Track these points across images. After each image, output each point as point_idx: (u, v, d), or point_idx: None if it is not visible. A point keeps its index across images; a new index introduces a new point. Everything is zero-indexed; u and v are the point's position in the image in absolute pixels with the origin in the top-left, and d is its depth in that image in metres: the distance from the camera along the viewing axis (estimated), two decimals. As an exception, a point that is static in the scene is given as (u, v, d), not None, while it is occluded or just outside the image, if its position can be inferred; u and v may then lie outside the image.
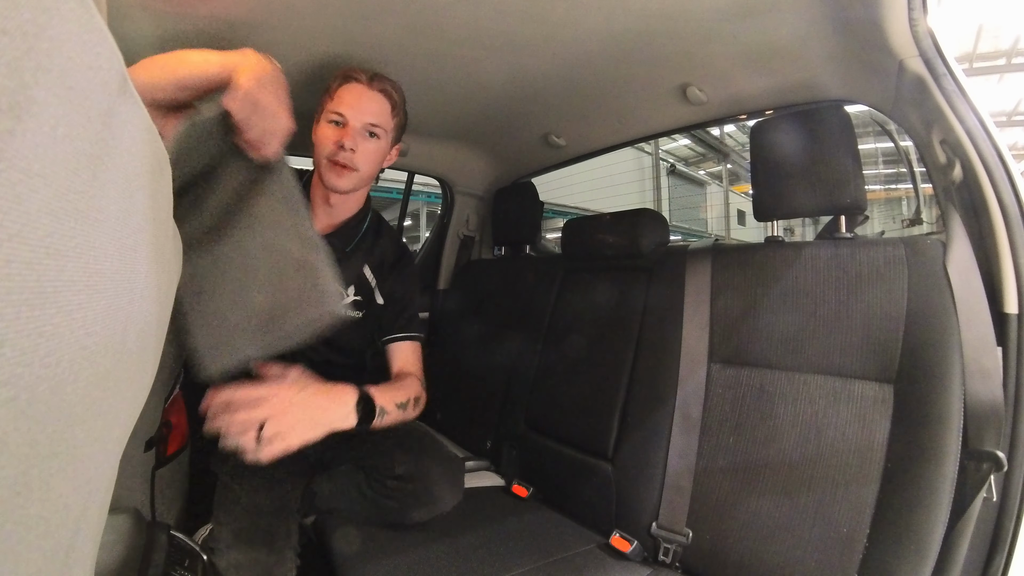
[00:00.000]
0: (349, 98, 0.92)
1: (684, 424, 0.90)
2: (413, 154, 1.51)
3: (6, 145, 0.17)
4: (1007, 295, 0.66)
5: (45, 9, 0.19)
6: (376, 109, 0.94)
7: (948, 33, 0.68)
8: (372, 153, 0.95)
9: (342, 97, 0.92)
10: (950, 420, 0.65)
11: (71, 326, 0.22)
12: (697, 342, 0.93)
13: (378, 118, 0.94)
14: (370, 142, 0.94)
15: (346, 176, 0.93)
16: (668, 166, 8.70)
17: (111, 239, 0.26)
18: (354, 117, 0.92)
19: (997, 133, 0.68)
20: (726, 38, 0.87)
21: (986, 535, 0.64)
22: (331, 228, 1.03)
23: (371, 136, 0.94)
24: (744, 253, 0.94)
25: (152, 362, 0.41)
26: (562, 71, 1.04)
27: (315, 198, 1.01)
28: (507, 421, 1.26)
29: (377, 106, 0.94)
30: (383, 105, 0.95)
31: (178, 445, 1.02)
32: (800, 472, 0.76)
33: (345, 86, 0.93)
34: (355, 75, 0.93)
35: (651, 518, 0.89)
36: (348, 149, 0.91)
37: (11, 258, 0.18)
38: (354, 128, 0.92)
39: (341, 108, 0.92)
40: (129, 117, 0.27)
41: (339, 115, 0.92)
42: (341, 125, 0.93)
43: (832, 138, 0.81)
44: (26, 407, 0.20)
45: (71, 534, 0.26)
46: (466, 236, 1.82)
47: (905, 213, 5.70)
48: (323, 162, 0.93)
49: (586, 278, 1.25)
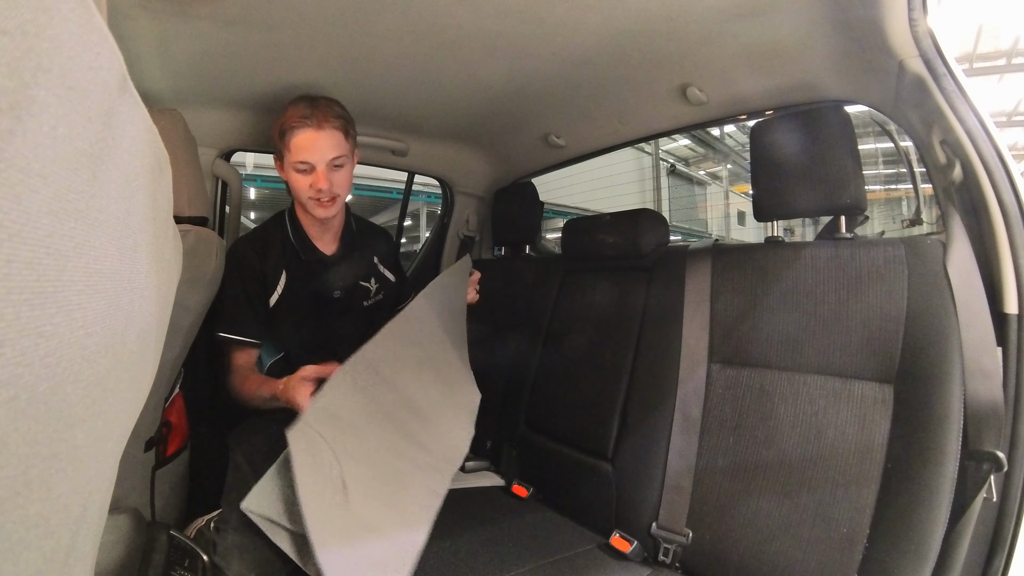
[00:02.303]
0: (307, 145, 0.96)
1: (684, 424, 0.90)
2: (413, 154, 1.51)
3: (6, 145, 0.17)
4: (1007, 295, 0.66)
5: (45, 9, 0.19)
6: (334, 144, 0.98)
7: (948, 33, 0.68)
8: (344, 179, 1.02)
9: (299, 145, 0.96)
10: (950, 420, 0.65)
11: (71, 326, 0.22)
12: (697, 342, 0.93)
13: (338, 150, 0.99)
14: (338, 172, 1.01)
15: (331, 206, 1.02)
16: (668, 166, 8.69)
17: (111, 239, 0.26)
18: (318, 161, 0.97)
19: (997, 133, 0.68)
20: (726, 38, 0.87)
21: (986, 535, 0.64)
22: (336, 242, 1.13)
23: (336, 168, 1.00)
24: (744, 253, 0.94)
25: (152, 362, 0.41)
26: (562, 71, 1.04)
27: (309, 226, 1.09)
28: (507, 421, 1.26)
29: (334, 141, 0.98)
30: (338, 138, 0.99)
31: (178, 445, 1.02)
32: (800, 472, 0.76)
33: (296, 135, 0.96)
34: (301, 121, 0.96)
35: (651, 518, 0.89)
36: (324, 190, 0.99)
37: (11, 258, 0.18)
38: (321, 170, 0.98)
39: (303, 156, 0.97)
40: (129, 117, 0.27)
41: (304, 163, 0.98)
42: (308, 172, 0.99)
43: (832, 138, 0.81)
44: (26, 407, 0.20)
45: (71, 534, 0.26)
46: (466, 236, 1.82)
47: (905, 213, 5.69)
48: (306, 201, 1.01)
49: (586, 278, 1.25)
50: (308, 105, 0.97)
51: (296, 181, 1.00)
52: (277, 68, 1.01)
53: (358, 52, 0.96)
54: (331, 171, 0.99)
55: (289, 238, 1.08)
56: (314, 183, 0.98)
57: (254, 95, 1.14)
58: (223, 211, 1.35)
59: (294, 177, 1.00)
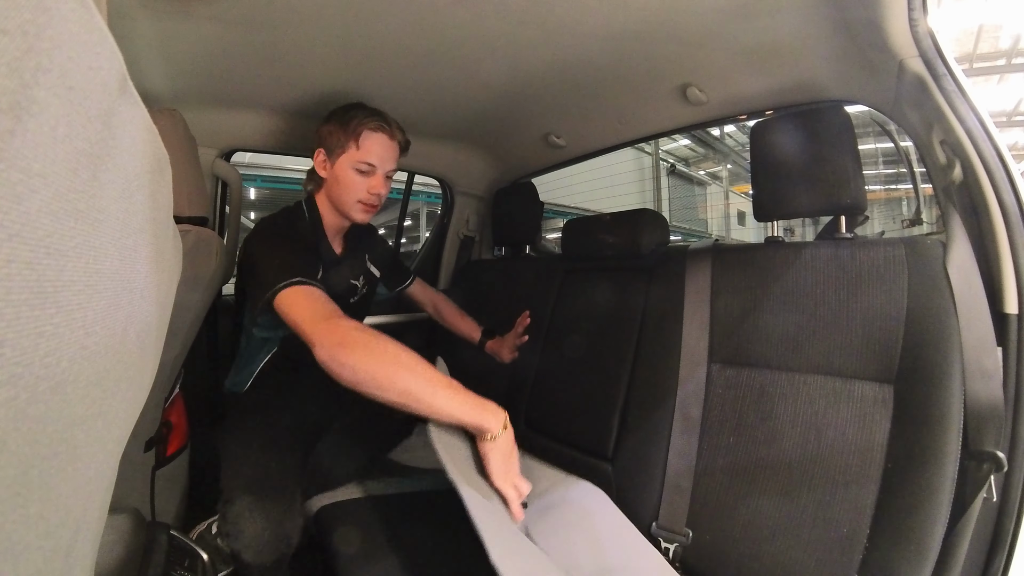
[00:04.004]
0: (379, 149, 1.01)
1: (684, 424, 0.90)
2: (413, 154, 1.50)
3: (6, 145, 0.17)
4: (1007, 295, 0.66)
5: (45, 9, 0.19)
6: (396, 156, 1.06)
7: (948, 33, 0.68)
8: (387, 190, 1.07)
9: (371, 148, 1.01)
10: (950, 420, 0.65)
11: (71, 326, 0.22)
12: (697, 342, 0.93)
13: (395, 164, 1.06)
14: (387, 183, 1.06)
15: (371, 213, 1.06)
16: (668, 166, 8.69)
17: (111, 239, 0.26)
18: (382, 167, 1.03)
19: (997, 133, 0.68)
20: (726, 38, 0.87)
21: (986, 535, 0.64)
22: (343, 243, 1.16)
23: (388, 179, 1.06)
24: (744, 253, 0.94)
25: (152, 362, 0.41)
26: (562, 71, 1.04)
27: (329, 226, 1.10)
28: (507, 421, 1.26)
29: (396, 154, 1.06)
30: (398, 152, 1.06)
31: (178, 445, 1.03)
32: (800, 472, 0.76)
33: (372, 136, 1.01)
34: (379, 125, 1.01)
35: (651, 518, 0.89)
36: (381, 196, 1.04)
37: (11, 258, 0.18)
38: (381, 176, 1.03)
39: (371, 159, 1.01)
40: (129, 117, 0.27)
41: (369, 165, 1.01)
42: (369, 175, 1.02)
43: (832, 138, 0.81)
44: (26, 407, 0.20)
45: (71, 534, 0.26)
46: (466, 236, 1.82)
47: (905, 213, 5.69)
48: (352, 203, 1.03)
49: (586, 278, 1.25)
50: (379, 114, 1.02)
51: (352, 180, 1.01)
52: (277, 68, 1.01)
53: (358, 52, 0.96)
54: (385, 180, 1.05)
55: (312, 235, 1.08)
56: (373, 187, 1.02)
57: (254, 95, 1.14)
58: (223, 211, 1.35)
59: (350, 176, 1.01)
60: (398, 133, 1.04)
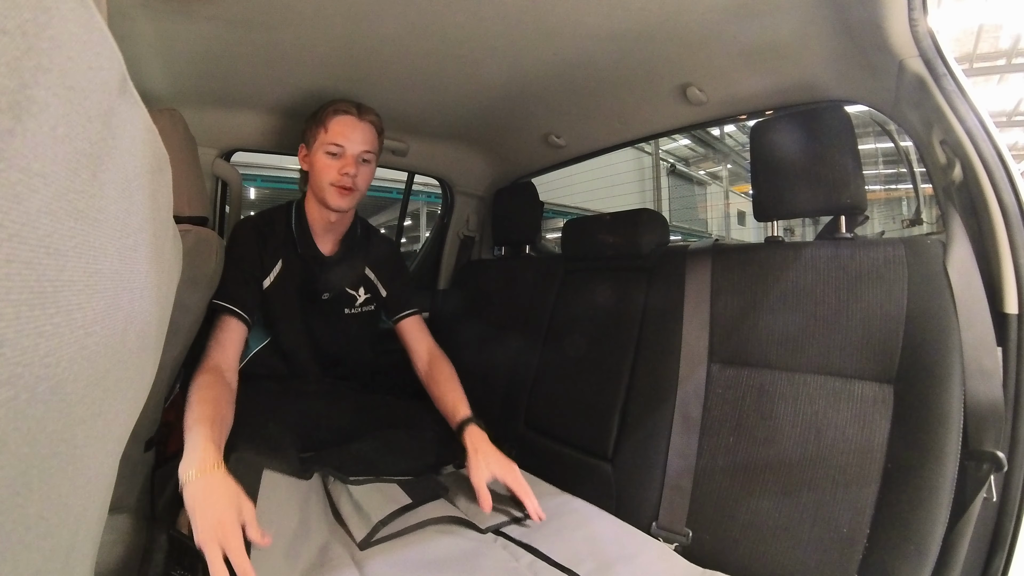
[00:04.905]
0: (344, 130, 1.02)
1: (684, 424, 0.90)
2: (413, 154, 1.51)
3: (6, 145, 0.17)
4: (1007, 295, 0.66)
5: (45, 9, 0.19)
6: (367, 138, 1.04)
7: (948, 33, 0.68)
8: (366, 175, 1.06)
9: (336, 129, 1.02)
10: (950, 420, 0.65)
11: (71, 326, 0.22)
12: (697, 342, 0.93)
13: (369, 145, 1.05)
14: (364, 167, 1.05)
15: (348, 197, 1.04)
16: (668, 166, 8.69)
17: (111, 239, 0.26)
18: (350, 147, 1.02)
19: (997, 133, 0.68)
20: (726, 38, 0.87)
21: (986, 535, 0.64)
22: (335, 244, 1.13)
23: (364, 162, 1.05)
24: (744, 253, 0.94)
25: (152, 362, 0.41)
26: (562, 71, 1.04)
27: (315, 223, 1.10)
28: (507, 421, 1.26)
29: (368, 135, 1.05)
30: (372, 134, 1.05)
31: (178, 445, 1.02)
32: (800, 472, 0.76)
33: (337, 119, 1.02)
34: (345, 108, 1.03)
35: (651, 518, 0.89)
36: (351, 174, 1.02)
37: (11, 258, 0.18)
38: (351, 156, 1.02)
39: (338, 140, 1.02)
40: (129, 117, 0.27)
41: (337, 146, 1.02)
42: (339, 156, 1.02)
43: (832, 138, 0.81)
44: (26, 407, 0.20)
45: (71, 534, 0.26)
46: (466, 236, 1.82)
47: (905, 213, 5.69)
48: (326, 187, 1.03)
49: (586, 278, 1.25)
50: (347, 101, 1.04)
51: (323, 164, 1.02)
52: (277, 68, 1.02)
53: (358, 52, 0.96)
54: (357, 163, 1.03)
55: (291, 229, 1.09)
56: (343, 167, 1.01)
57: (254, 95, 1.14)
58: (223, 211, 1.35)
59: (322, 160, 1.02)
60: (367, 114, 1.04)
